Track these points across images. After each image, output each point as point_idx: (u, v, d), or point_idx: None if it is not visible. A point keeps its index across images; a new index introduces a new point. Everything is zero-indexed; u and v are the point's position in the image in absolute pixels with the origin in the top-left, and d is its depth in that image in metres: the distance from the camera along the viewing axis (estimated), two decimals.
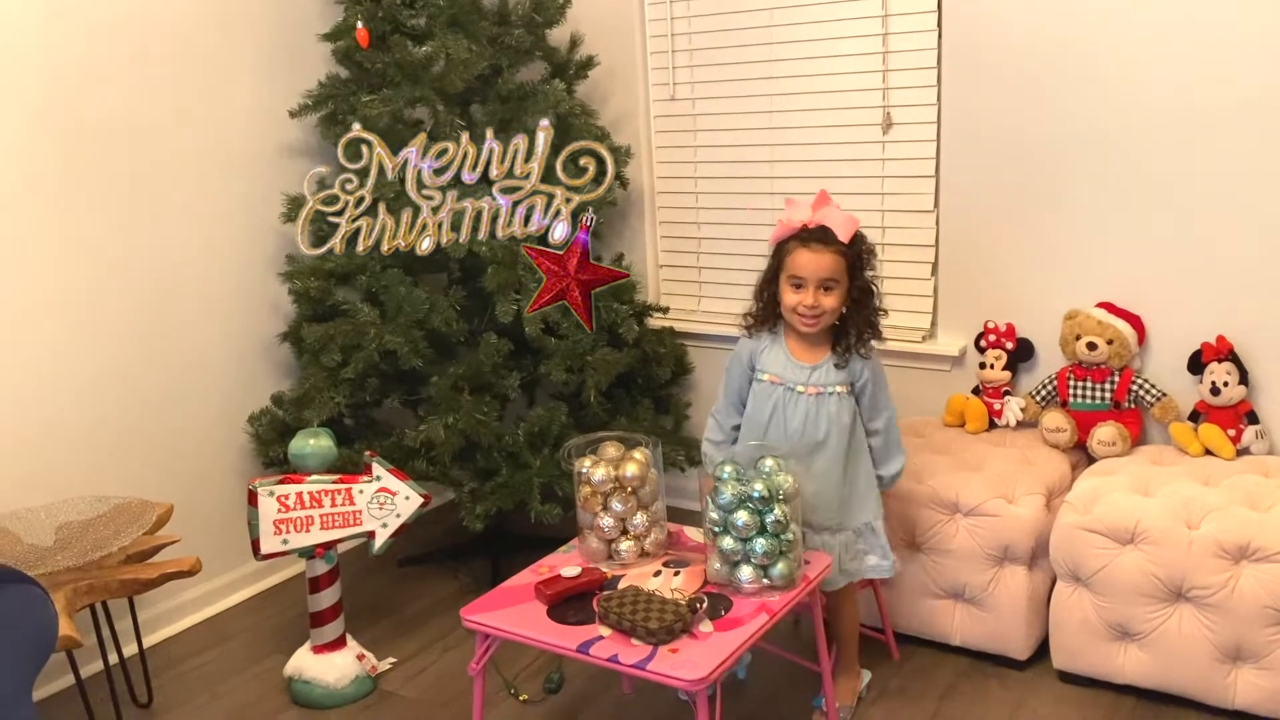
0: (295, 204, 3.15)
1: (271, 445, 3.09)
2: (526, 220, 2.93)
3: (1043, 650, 2.66)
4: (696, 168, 3.52)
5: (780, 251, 2.34)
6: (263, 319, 3.31)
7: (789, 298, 2.31)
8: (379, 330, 2.98)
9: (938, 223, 3.13)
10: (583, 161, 2.96)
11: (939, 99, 3.04)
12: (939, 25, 3.00)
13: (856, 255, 2.31)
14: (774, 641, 2.66)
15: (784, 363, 2.38)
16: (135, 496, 2.66)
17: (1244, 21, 2.61)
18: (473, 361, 3.00)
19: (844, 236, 2.28)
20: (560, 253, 2.69)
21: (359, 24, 3.08)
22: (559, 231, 2.91)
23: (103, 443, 2.92)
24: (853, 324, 2.35)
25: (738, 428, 2.47)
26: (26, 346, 2.74)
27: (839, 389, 2.35)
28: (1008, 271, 3.04)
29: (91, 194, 2.85)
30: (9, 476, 2.69)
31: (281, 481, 2.63)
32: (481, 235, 2.94)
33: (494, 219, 2.95)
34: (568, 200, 2.94)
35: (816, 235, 2.29)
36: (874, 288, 2.37)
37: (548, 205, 2.95)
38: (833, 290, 2.29)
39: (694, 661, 1.96)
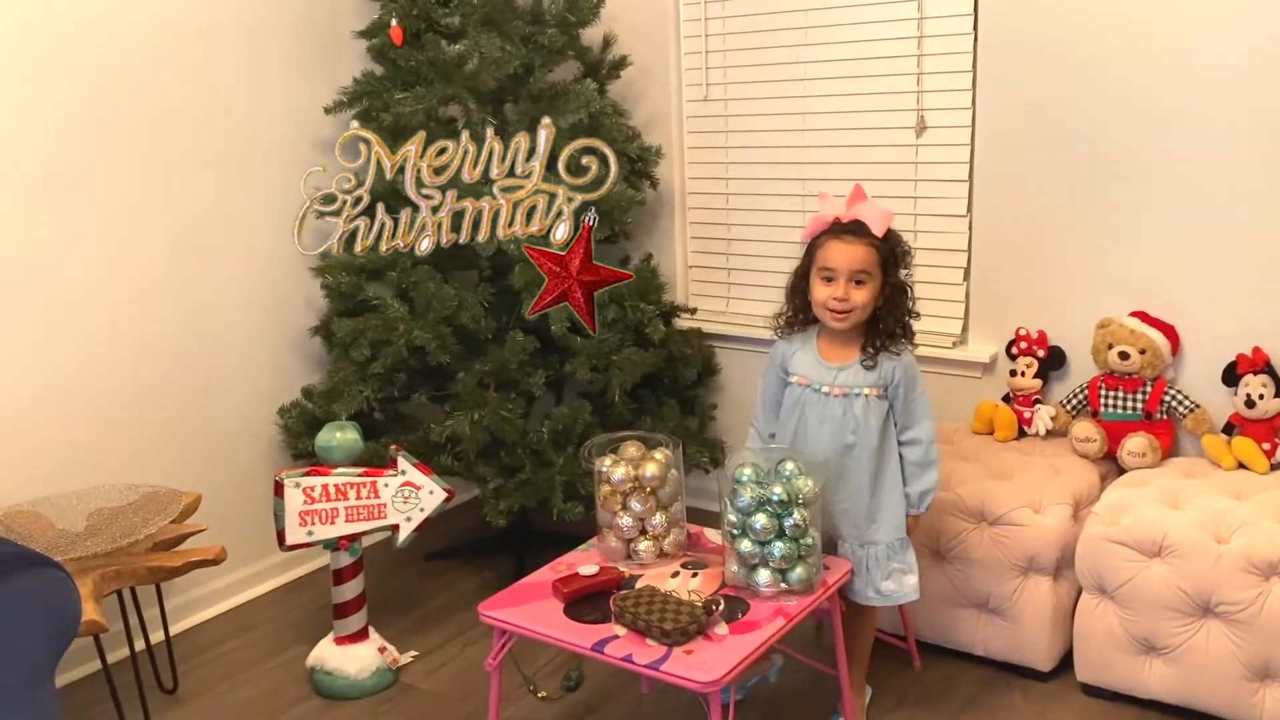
0: (329, 200, 3.17)
1: (300, 438, 3.12)
2: (528, 220, 2.88)
3: (1066, 662, 2.63)
4: (728, 169, 3.51)
5: (812, 246, 2.30)
6: (296, 313, 3.35)
7: (819, 291, 2.26)
8: (408, 326, 3.00)
9: (971, 228, 3.09)
10: (585, 160, 2.93)
11: (974, 102, 3.02)
12: (975, 28, 2.97)
13: (890, 250, 2.26)
14: (794, 646, 2.65)
15: (813, 363, 2.34)
16: (165, 486, 2.70)
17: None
18: (499, 358, 3.01)
19: (878, 230, 2.24)
20: (562, 253, 2.64)
21: (393, 21, 3.10)
22: (560, 232, 2.87)
23: (137, 432, 2.96)
24: (884, 323, 2.29)
25: (775, 435, 2.43)
26: (67, 337, 2.79)
27: (868, 391, 2.29)
28: (1040, 278, 3.00)
29: (133, 189, 2.90)
30: (46, 462, 2.74)
31: (308, 473, 2.66)
32: (482, 236, 2.90)
33: (494, 219, 2.93)
34: (570, 200, 2.91)
35: (849, 228, 2.24)
36: (908, 287, 2.32)
37: (549, 205, 2.92)
38: (865, 284, 2.23)
39: (708, 663, 1.96)
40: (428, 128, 3.08)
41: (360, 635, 2.78)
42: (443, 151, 2.86)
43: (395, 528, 2.70)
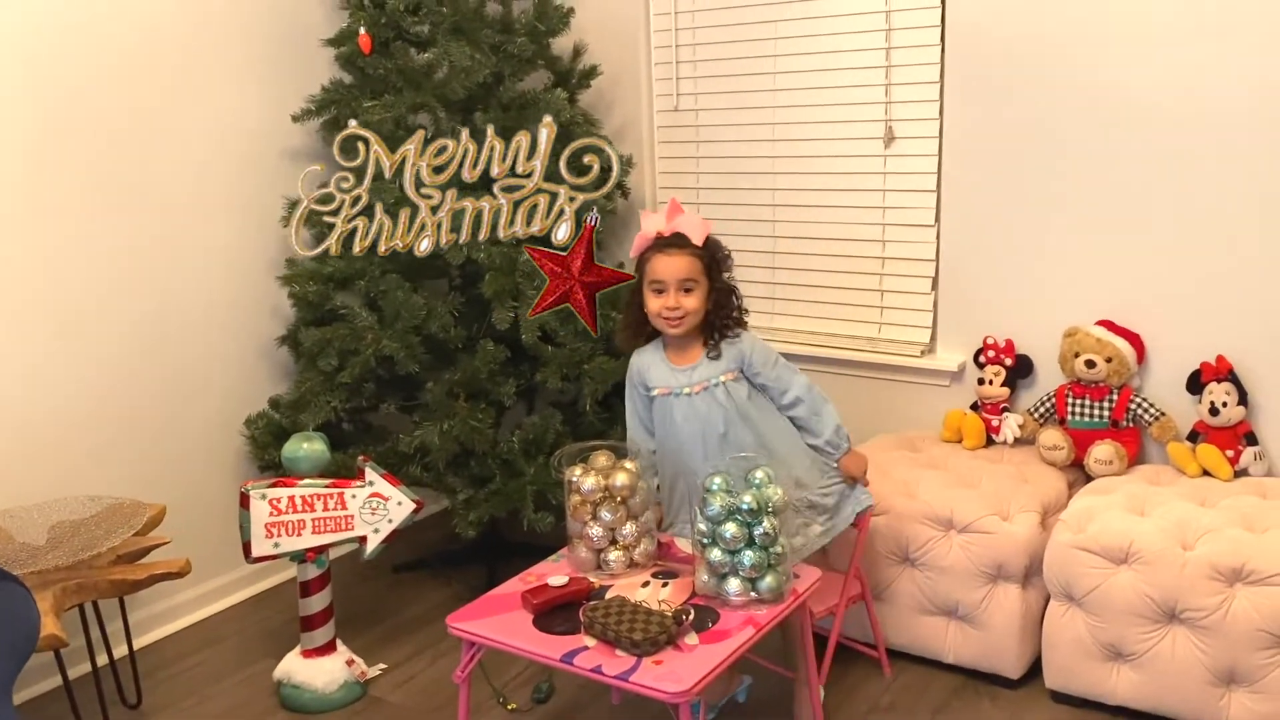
0: (296, 208, 3.15)
1: (267, 448, 3.09)
2: (529, 220, 2.86)
3: (1035, 669, 2.64)
4: (699, 178, 3.52)
5: (640, 262, 2.42)
6: (263, 322, 3.32)
7: (653, 304, 2.38)
8: (376, 335, 2.98)
9: (938, 237, 3.11)
10: (587, 159, 2.92)
11: (941, 113, 3.04)
12: (942, 40, 3.00)
13: (712, 257, 2.39)
14: (764, 655, 2.65)
15: (666, 372, 2.44)
16: (129, 497, 2.66)
17: (1246, 43, 2.60)
18: (469, 368, 3.00)
19: (698, 240, 2.37)
20: (564, 254, 2.62)
21: (362, 29, 3.09)
22: (562, 232, 2.86)
23: (100, 443, 2.93)
24: (716, 321, 2.40)
25: (654, 451, 2.50)
26: (27, 345, 2.75)
27: (723, 377, 2.40)
28: (1008, 287, 3.03)
29: (94, 195, 2.87)
30: (6, 474, 2.70)
31: (274, 485, 2.63)
32: (482, 236, 2.87)
33: (495, 219, 2.90)
34: (571, 199, 2.89)
35: (671, 240, 2.37)
36: (733, 288, 2.43)
37: (551, 205, 2.91)
38: (693, 291, 2.35)
39: (677, 674, 1.95)
40: (396, 136, 3.07)
41: (328, 648, 2.75)
42: (442, 150, 2.83)
43: (363, 539, 2.68)
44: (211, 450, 3.20)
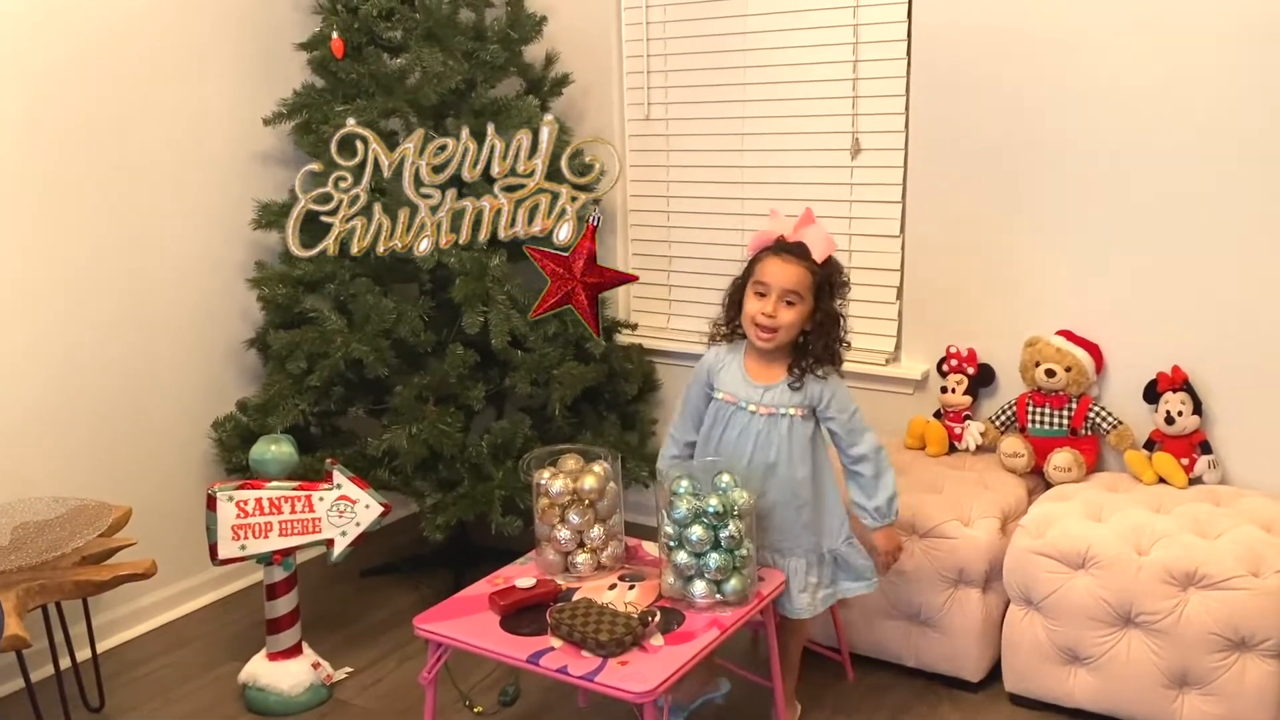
0: (267, 210, 3.16)
1: (235, 451, 3.08)
2: (530, 220, 2.83)
3: (996, 673, 2.68)
4: (669, 187, 3.55)
5: (753, 261, 2.32)
6: (231, 325, 3.31)
7: (750, 305, 2.28)
8: (346, 338, 2.99)
9: (903, 248, 3.17)
10: (589, 158, 2.90)
11: (907, 126, 3.09)
12: (908, 54, 3.05)
13: (827, 277, 2.29)
14: (731, 660, 2.67)
15: (739, 381, 2.35)
16: (94, 499, 2.65)
17: (1202, 61, 2.67)
18: (439, 372, 3.01)
19: (819, 255, 2.27)
20: (565, 254, 2.58)
21: (334, 34, 3.10)
22: (564, 232, 2.81)
23: (66, 445, 2.91)
24: (812, 348, 2.30)
25: (692, 444, 2.45)
26: None
27: (794, 411, 2.31)
28: (971, 297, 3.08)
29: (62, 197, 2.85)
30: None
31: (241, 487, 2.63)
32: (483, 236, 2.83)
33: (495, 219, 2.86)
34: (573, 199, 2.86)
35: (790, 248, 2.28)
36: (841, 316, 2.33)
37: (552, 205, 2.86)
38: (795, 305, 2.26)
39: (643, 674, 1.97)
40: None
41: (294, 651, 2.74)
42: (442, 149, 2.80)
43: (330, 542, 2.68)
44: (178, 453, 3.19)
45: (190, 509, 3.11)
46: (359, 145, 2.84)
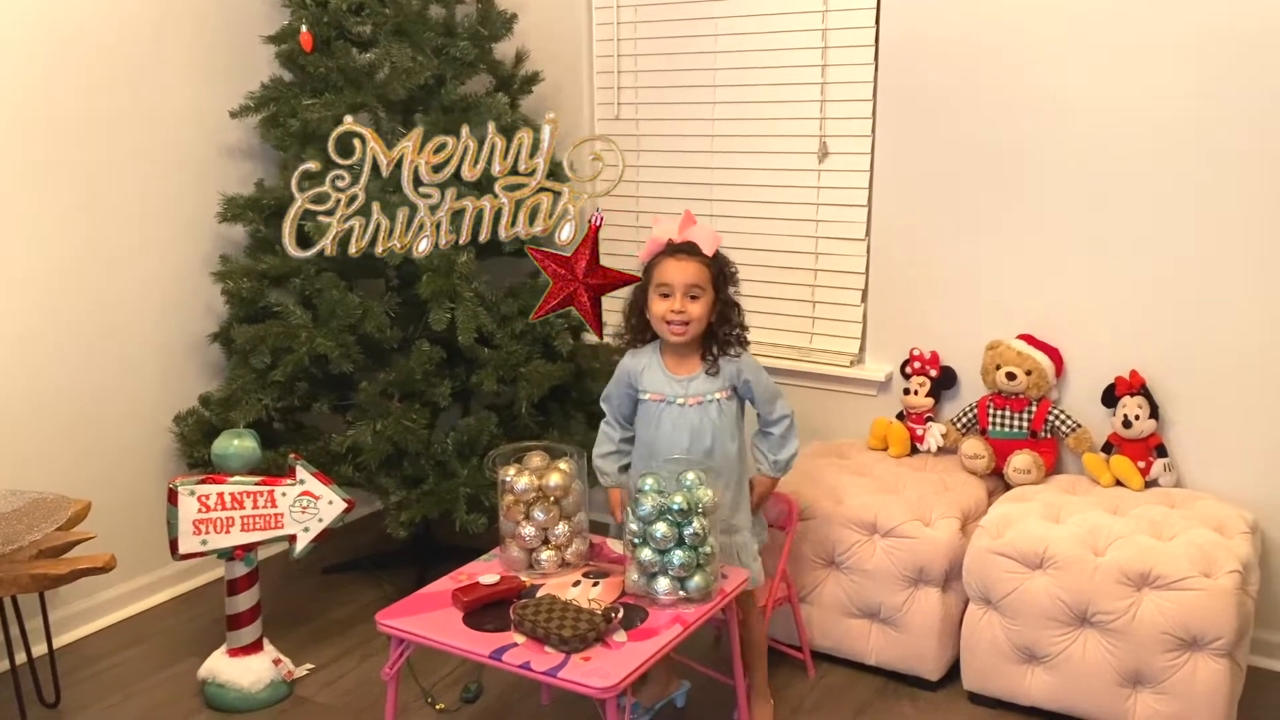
0: (232, 204, 3.14)
1: (196, 446, 3.06)
2: (531, 220, 2.82)
3: (955, 672, 2.72)
4: (639, 186, 3.56)
5: (649, 266, 2.44)
6: (195, 319, 3.29)
7: (658, 307, 2.40)
8: (310, 333, 2.97)
9: (869, 251, 3.20)
10: (592, 158, 2.89)
11: (874, 131, 3.12)
12: (875, 60, 3.08)
13: (720, 269, 2.42)
14: (693, 657, 2.69)
15: (662, 379, 2.45)
16: (53, 492, 2.62)
17: (1163, 71, 2.72)
18: (404, 368, 3.00)
19: (708, 250, 2.40)
20: (567, 255, 2.56)
21: (303, 28, 3.08)
22: (565, 232, 2.77)
23: (26, 437, 2.87)
24: (718, 334, 2.44)
25: (628, 440, 2.54)
26: None
27: (719, 395, 2.43)
28: (934, 301, 3.12)
29: (23, 189, 2.82)
30: None
31: (203, 481, 2.61)
32: (483, 236, 2.83)
33: (496, 219, 2.82)
34: (575, 199, 2.85)
35: (683, 247, 2.40)
36: (737, 303, 2.46)
37: (554, 204, 2.82)
38: (699, 299, 2.37)
39: (605, 670, 1.98)
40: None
41: (254, 647, 2.73)
42: (441, 148, 2.78)
43: (292, 538, 2.67)
44: (139, 446, 3.16)
45: (151, 503, 3.09)
46: (357, 144, 2.81)
